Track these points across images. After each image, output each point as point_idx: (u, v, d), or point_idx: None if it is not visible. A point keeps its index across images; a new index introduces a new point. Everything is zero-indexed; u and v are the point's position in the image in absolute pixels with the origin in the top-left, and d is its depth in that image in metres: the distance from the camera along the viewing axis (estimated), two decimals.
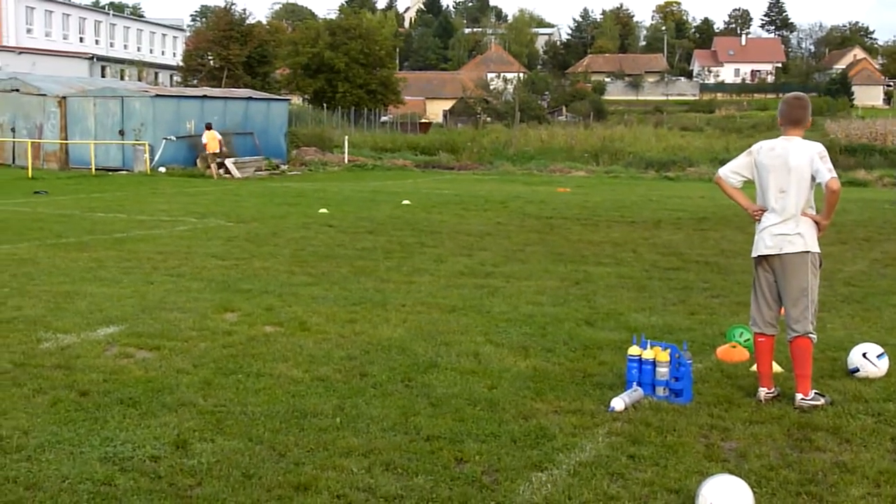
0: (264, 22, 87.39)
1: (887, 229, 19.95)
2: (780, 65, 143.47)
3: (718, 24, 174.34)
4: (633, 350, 7.35)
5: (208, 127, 36.60)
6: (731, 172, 7.52)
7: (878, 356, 7.99)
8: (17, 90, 39.79)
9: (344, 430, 6.38)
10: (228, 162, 36.90)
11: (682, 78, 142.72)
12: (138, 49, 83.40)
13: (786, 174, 7.16)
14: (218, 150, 36.38)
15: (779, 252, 7.20)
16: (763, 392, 7.27)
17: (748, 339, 8.79)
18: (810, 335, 7.19)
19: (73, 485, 5.40)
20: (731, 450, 6.20)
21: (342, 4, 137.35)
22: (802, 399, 7.10)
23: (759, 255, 7.37)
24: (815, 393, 7.17)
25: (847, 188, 10.83)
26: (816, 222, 7.19)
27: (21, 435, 6.18)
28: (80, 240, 16.18)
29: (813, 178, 7.11)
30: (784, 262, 7.20)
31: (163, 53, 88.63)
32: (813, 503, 5.35)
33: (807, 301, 7.19)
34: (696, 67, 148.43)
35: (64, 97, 39.00)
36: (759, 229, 7.37)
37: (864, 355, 7.98)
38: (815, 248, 7.21)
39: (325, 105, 65.68)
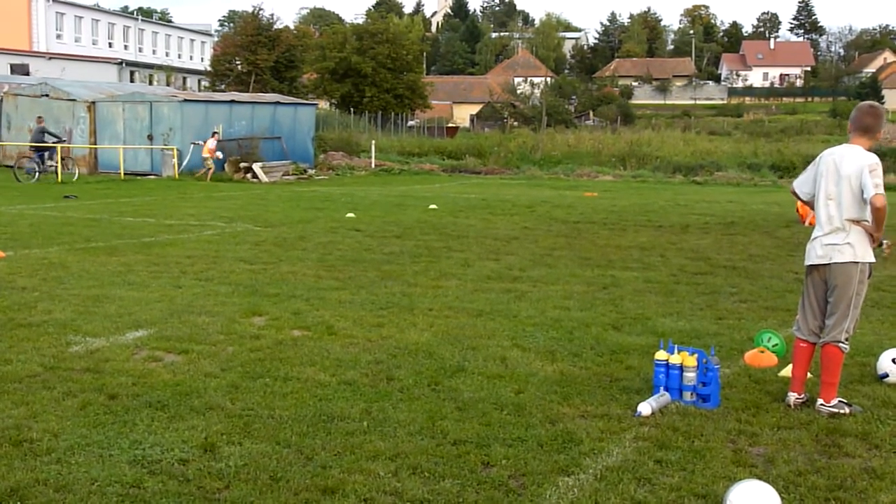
0: (292, 27, 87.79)
1: None
2: (809, 68, 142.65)
3: (747, 28, 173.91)
4: (661, 355, 7.32)
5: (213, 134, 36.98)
6: (801, 183, 7.49)
7: None
8: (47, 95, 40.06)
9: (371, 434, 6.39)
10: (256, 166, 37.02)
11: (710, 82, 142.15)
12: (167, 54, 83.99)
13: (835, 182, 7.11)
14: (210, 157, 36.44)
15: (829, 262, 7.16)
16: (793, 397, 7.24)
17: (776, 344, 8.76)
18: (840, 345, 7.13)
19: (101, 487, 5.44)
20: (759, 455, 6.17)
21: (369, 9, 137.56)
22: (822, 404, 7.08)
23: (809, 265, 7.34)
24: (840, 401, 7.11)
25: None
26: (869, 233, 7.11)
27: (51, 437, 6.23)
28: (109, 244, 16.28)
29: (862, 191, 7.01)
30: (832, 272, 7.16)
31: (191, 58, 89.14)
32: None
33: (847, 310, 7.13)
34: (724, 71, 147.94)
35: (93, 102, 39.24)
36: (811, 239, 7.34)
37: (893, 361, 7.93)
38: (866, 259, 7.12)
39: (352, 109, 65.83)
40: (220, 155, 36.44)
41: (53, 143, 34.51)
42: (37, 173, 33.19)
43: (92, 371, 7.91)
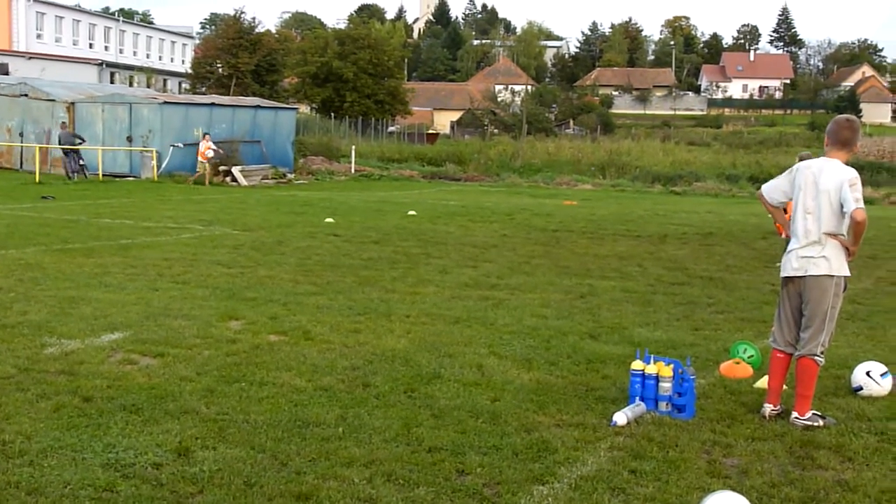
0: (273, 31, 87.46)
1: (893, 248, 19.92)
2: (788, 81, 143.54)
3: (727, 40, 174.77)
4: (637, 364, 7.34)
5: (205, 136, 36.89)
6: (773, 189, 7.52)
7: (882, 375, 7.98)
8: (26, 95, 39.87)
9: (346, 441, 6.38)
10: (235, 170, 36.93)
11: (690, 93, 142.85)
12: (147, 56, 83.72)
13: (813, 196, 7.14)
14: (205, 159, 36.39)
15: (804, 274, 7.19)
16: (768, 408, 7.26)
17: (752, 356, 8.79)
18: (816, 358, 7.16)
19: (74, 491, 5.41)
20: (733, 466, 6.19)
21: (351, 14, 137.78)
22: (797, 418, 7.10)
23: (785, 276, 7.37)
24: (814, 413, 7.14)
25: None
26: (846, 247, 7.14)
27: (24, 440, 6.19)
28: (87, 245, 16.21)
29: (841, 205, 7.03)
30: (807, 284, 7.19)
31: (172, 60, 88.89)
32: None
33: (822, 324, 7.16)
34: (704, 82, 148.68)
35: (72, 103, 39.08)
36: (787, 251, 7.37)
37: (867, 373, 7.97)
38: (842, 272, 7.14)
39: (332, 114, 65.75)
40: (210, 154, 36.16)
41: (79, 144, 35.96)
42: (74, 174, 35.16)
43: (66, 373, 7.87)
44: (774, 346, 7.44)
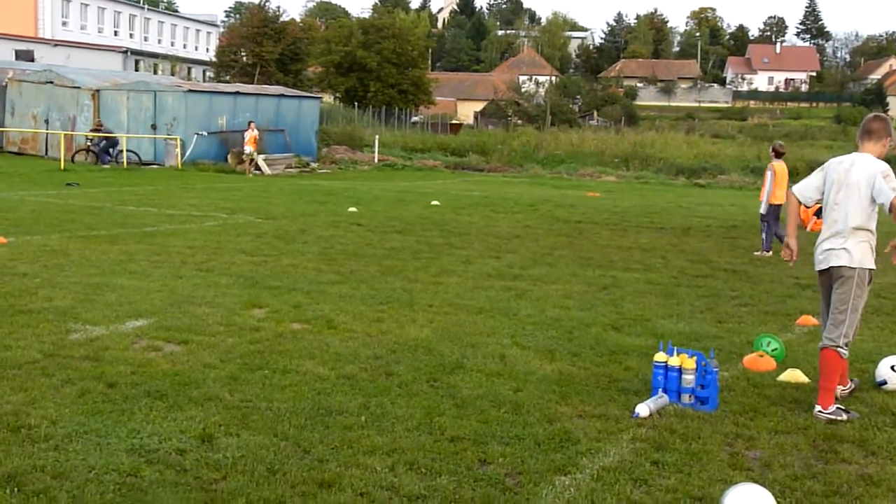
0: (298, 20, 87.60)
1: None
2: (814, 74, 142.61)
3: (753, 32, 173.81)
4: (660, 356, 7.33)
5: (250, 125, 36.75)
6: (806, 187, 7.50)
7: None
8: (52, 82, 40.06)
9: (368, 429, 6.40)
10: (259, 158, 37.02)
11: (715, 85, 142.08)
12: (172, 44, 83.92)
13: (844, 188, 7.17)
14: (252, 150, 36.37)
15: (827, 266, 7.22)
16: (839, 389, 7.37)
17: (776, 349, 8.76)
18: (839, 349, 7.14)
19: (99, 475, 5.44)
20: (756, 459, 6.18)
21: (376, 3, 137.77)
22: (820, 411, 7.07)
23: (817, 270, 7.40)
24: (838, 408, 7.12)
25: None
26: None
27: (49, 424, 6.24)
28: (111, 233, 16.29)
29: (873, 200, 7.06)
30: (831, 276, 7.23)
31: (196, 49, 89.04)
32: None
33: (844, 316, 7.15)
34: (729, 74, 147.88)
35: (97, 90, 39.24)
36: (816, 244, 7.42)
37: (892, 368, 7.93)
38: (864, 265, 7.15)
39: (356, 104, 65.76)
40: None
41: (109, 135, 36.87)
42: (104, 164, 35.99)
43: (91, 359, 7.92)
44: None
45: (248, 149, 36.00)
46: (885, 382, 7.91)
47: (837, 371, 7.17)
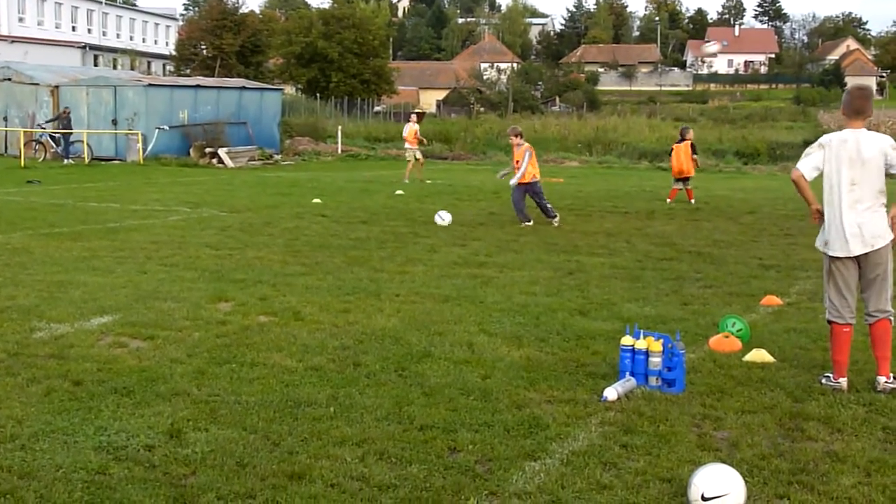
0: (257, 11, 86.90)
1: None
2: (773, 55, 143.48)
3: (712, 15, 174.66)
4: (626, 340, 7.36)
5: (410, 118, 32.46)
6: (812, 168, 7.48)
7: None
8: (10, 79, 39.68)
9: (337, 420, 6.40)
10: (222, 151, 36.82)
11: (676, 68, 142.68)
12: (131, 38, 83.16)
13: (860, 166, 7.24)
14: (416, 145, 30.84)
15: (870, 250, 7.27)
16: (843, 382, 7.39)
17: (741, 329, 8.82)
18: (892, 317, 7.33)
19: (67, 474, 5.41)
20: (724, 439, 6.23)
21: None
22: (886, 382, 7.25)
23: (849, 257, 7.36)
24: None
25: None
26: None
27: (15, 424, 6.19)
28: (74, 229, 16.16)
29: (887, 173, 7.22)
30: (879, 254, 7.31)
31: (155, 42, 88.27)
32: (804, 492, 5.37)
33: (887, 283, 7.36)
34: (689, 58, 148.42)
35: (56, 86, 38.91)
36: (832, 224, 7.38)
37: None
38: (893, 233, 7.32)
39: (318, 95, 65.50)
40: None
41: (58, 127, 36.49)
42: (65, 159, 35.59)
43: (56, 357, 7.87)
44: (840, 321, 7.42)
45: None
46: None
47: (890, 338, 7.34)
